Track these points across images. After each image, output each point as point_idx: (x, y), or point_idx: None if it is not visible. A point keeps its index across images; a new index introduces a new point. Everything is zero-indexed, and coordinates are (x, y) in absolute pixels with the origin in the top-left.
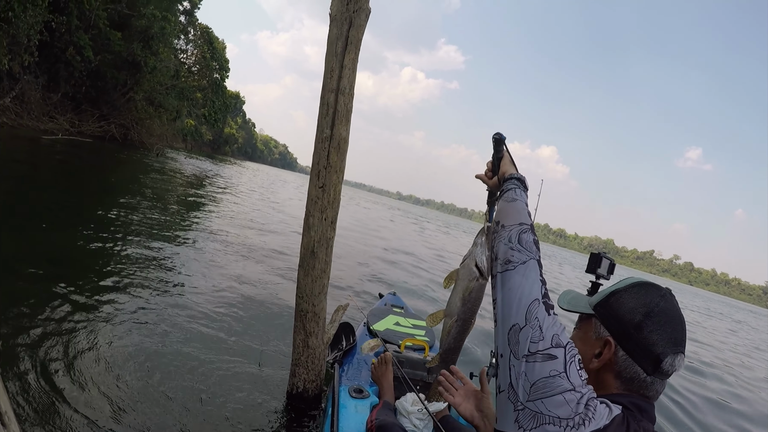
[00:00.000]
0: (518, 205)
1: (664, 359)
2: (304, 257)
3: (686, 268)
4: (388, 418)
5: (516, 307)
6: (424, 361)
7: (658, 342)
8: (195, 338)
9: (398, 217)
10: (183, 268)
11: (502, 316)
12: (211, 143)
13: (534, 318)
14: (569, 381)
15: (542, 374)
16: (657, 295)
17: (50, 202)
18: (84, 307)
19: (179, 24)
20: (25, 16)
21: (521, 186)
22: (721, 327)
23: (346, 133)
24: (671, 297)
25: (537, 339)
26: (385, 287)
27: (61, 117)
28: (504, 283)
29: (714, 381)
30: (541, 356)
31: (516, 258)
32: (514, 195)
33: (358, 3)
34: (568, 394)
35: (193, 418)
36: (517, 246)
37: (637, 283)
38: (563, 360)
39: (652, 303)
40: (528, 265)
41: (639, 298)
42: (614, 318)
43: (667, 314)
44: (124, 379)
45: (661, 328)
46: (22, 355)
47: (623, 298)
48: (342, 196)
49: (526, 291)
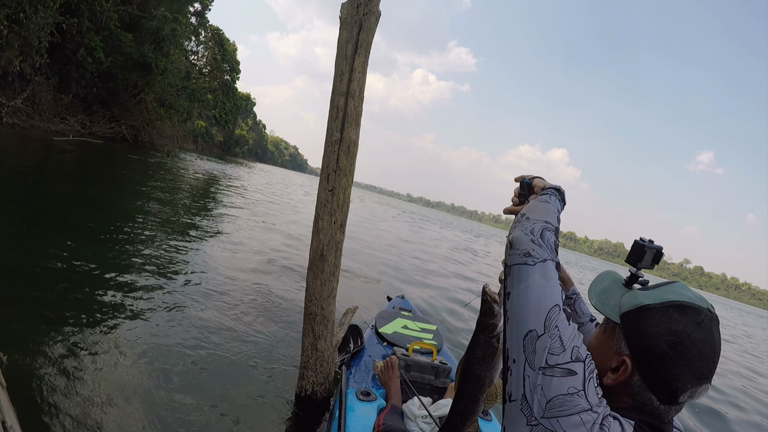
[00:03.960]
0: (550, 207)
1: (682, 394)
2: (314, 260)
3: (696, 272)
4: (395, 423)
5: (534, 311)
6: (431, 364)
7: (680, 377)
8: (203, 340)
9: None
10: (191, 270)
11: (518, 316)
12: (222, 144)
13: (554, 327)
14: (587, 400)
15: (560, 391)
16: (692, 323)
17: (61, 202)
18: (90, 312)
19: (190, 25)
20: (36, 18)
21: (558, 195)
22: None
23: (356, 137)
24: (709, 323)
25: (557, 351)
26: (393, 290)
27: (72, 118)
28: (521, 278)
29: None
30: (560, 370)
31: (537, 253)
32: (548, 199)
33: (368, 6)
34: (585, 414)
35: (201, 419)
36: (539, 240)
37: (674, 303)
38: (582, 377)
39: (683, 333)
40: (547, 265)
41: (670, 323)
42: (638, 338)
43: (698, 347)
44: (132, 380)
45: (687, 362)
46: (30, 368)
47: (652, 318)
48: (351, 198)
49: (547, 294)
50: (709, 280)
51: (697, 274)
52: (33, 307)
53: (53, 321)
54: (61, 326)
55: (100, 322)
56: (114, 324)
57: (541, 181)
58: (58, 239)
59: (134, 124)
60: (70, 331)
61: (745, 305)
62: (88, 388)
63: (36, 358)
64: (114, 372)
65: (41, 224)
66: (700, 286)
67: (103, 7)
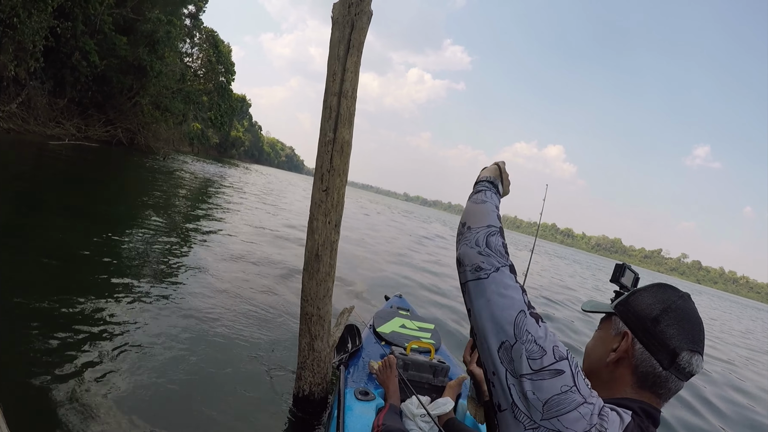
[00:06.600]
0: (487, 207)
1: (681, 353)
2: (309, 261)
3: (694, 267)
4: (395, 424)
5: (500, 323)
6: (429, 363)
7: (675, 336)
8: (199, 341)
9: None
10: (186, 271)
11: (485, 331)
12: (218, 146)
13: (524, 332)
14: (580, 393)
15: (553, 391)
16: (675, 295)
17: (57, 206)
18: (86, 314)
19: (185, 28)
20: (30, 22)
21: (492, 188)
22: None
23: (349, 136)
24: (690, 300)
25: (537, 355)
26: (391, 290)
27: (67, 122)
28: (479, 294)
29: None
30: (548, 372)
31: (487, 264)
32: (483, 197)
33: (359, 6)
34: (582, 407)
35: (198, 421)
36: (485, 250)
37: (657, 284)
38: (571, 373)
39: (670, 300)
40: (501, 273)
41: (657, 295)
42: (633, 313)
43: (685, 312)
44: (126, 381)
45: (678, 323)
46: (21, 369)
47: (642, 296)
48: (345, 198)
49: (508, 303)
50: (707, 274)
51: (695, 269)
52: (23, 310)
53: (45, 323)
54: (53, 328)
55: (94, 322)
56: (108, 324)
57: (483, 171)
58: (51, 240)
59: (130, 127)
60: (63, 334)
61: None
62: (81, 387)
63: (22, 358)
64: (107, 374)
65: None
66: (698, 280)
67: (98, 10)
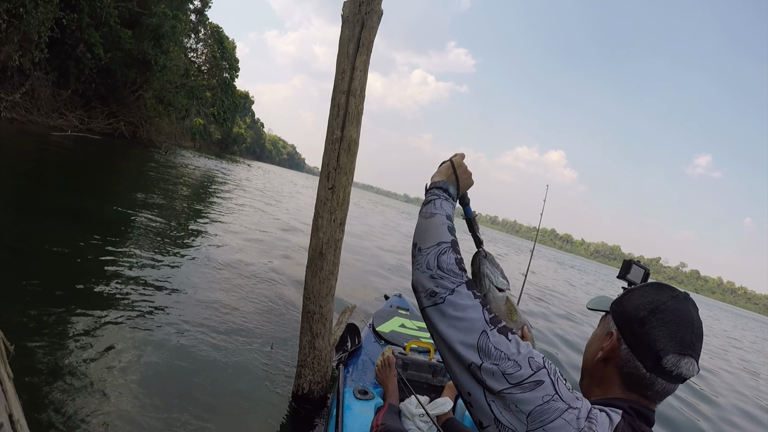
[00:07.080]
0: (436, 220)
1: (665, 356)
2: (313, 258)
3: (692, 276)
4: (394, 424)
5: (464, 346)
6: (429, 363)
7: (660, 338)
8: (200, 338)
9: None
10: (189, 268)
11: (452, 354)
12: (220, 142)
13: (492, 350)
14: (563, 401)
15: (535, 402)
16: (668, 295)
17: (57, 199)
18: (91, 310)
19: (190, 23)
20: (36, 13)
21: (443, 194)
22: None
23: (357, 135)
24: (685, 300)
25: (512, 369)
26: (390, 289)
27: (70, 114)
28: (439, 319)
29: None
30: (528, 385)
31: (440, 288)
32: (432, 209)
33: (370, 5)
34: (567, 414)
35: (198, 418)
36: (437, 272)
37: (653, 283)
38: (550, 381)
39: (660, 301)
40: (458, 293)
41: (648, 295)
42: (623, 313)
43: (675, 313)
44: (130, 383)
45: (665, 325)
46: (35, 360)
47: (634, 295)
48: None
49: (468, 325)
50: (705, 284)
51: (693, 278)
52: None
53: (59, 315)
54: (64, 320)
55: (99, 316)
56: (111, 320)
57: (435, 174)
58: (61, 232)
59: (132, 120)
60: (73, 326)
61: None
62: (90, 383)
63: (37, 350)
64: (112, 370)
65: (42, 216)
66: (695, 289)
67: (104, 3)
